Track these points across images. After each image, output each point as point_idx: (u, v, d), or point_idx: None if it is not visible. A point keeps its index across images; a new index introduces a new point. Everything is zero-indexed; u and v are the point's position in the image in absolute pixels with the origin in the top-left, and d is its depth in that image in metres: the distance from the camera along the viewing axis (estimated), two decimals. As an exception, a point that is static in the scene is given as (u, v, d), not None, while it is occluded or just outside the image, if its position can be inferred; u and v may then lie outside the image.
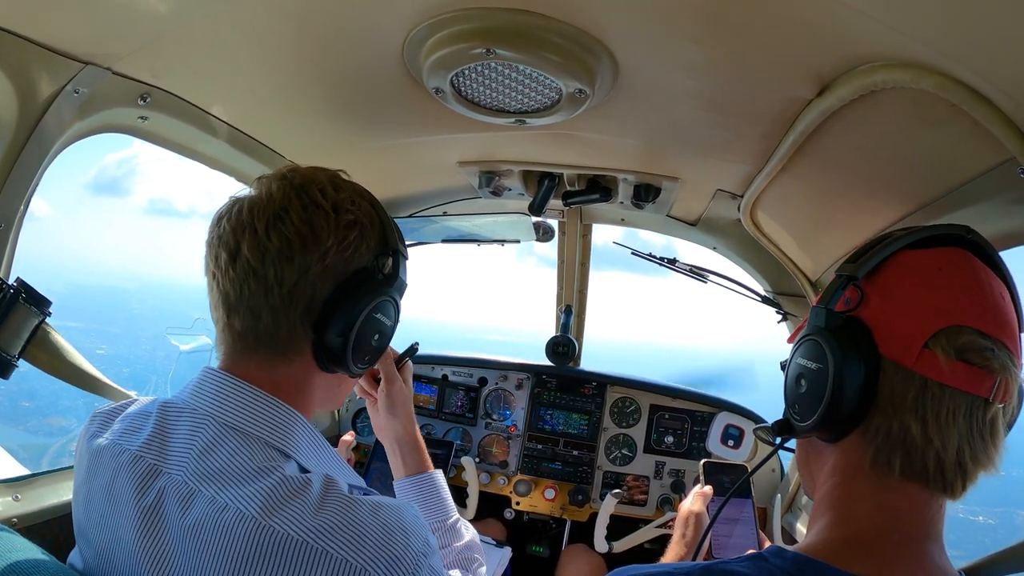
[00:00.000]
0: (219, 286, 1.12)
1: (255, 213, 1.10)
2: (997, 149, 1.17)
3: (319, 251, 1.10)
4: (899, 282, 0.99)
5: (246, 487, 0.98)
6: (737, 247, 2.89)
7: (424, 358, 3.37)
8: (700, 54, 1.33)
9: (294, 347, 1.14)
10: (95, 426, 1.17)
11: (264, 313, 1.10)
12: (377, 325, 1.21)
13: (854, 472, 0.98)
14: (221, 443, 1.04)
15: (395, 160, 2.37)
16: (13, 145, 1.42)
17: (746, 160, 1.91)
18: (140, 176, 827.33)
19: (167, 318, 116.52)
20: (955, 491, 0.94)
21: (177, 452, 1.05)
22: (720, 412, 3.14)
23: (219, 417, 1.08)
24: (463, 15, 1.32)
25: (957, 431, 0.90)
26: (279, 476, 1.00)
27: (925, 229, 1.03)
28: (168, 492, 1.01)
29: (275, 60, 1.60)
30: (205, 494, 0.98)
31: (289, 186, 1.13)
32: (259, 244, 1.08)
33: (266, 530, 0.93)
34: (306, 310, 1.11)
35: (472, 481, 3.03)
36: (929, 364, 0.91)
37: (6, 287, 1.49)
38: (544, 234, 3.15)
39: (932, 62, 1.06)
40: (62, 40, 1.36)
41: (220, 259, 1.11)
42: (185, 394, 1.14)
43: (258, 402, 1.10)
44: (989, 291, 0.95)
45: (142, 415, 1.13)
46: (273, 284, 1.08)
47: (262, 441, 1.07)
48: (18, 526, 1.60)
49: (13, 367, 1.53)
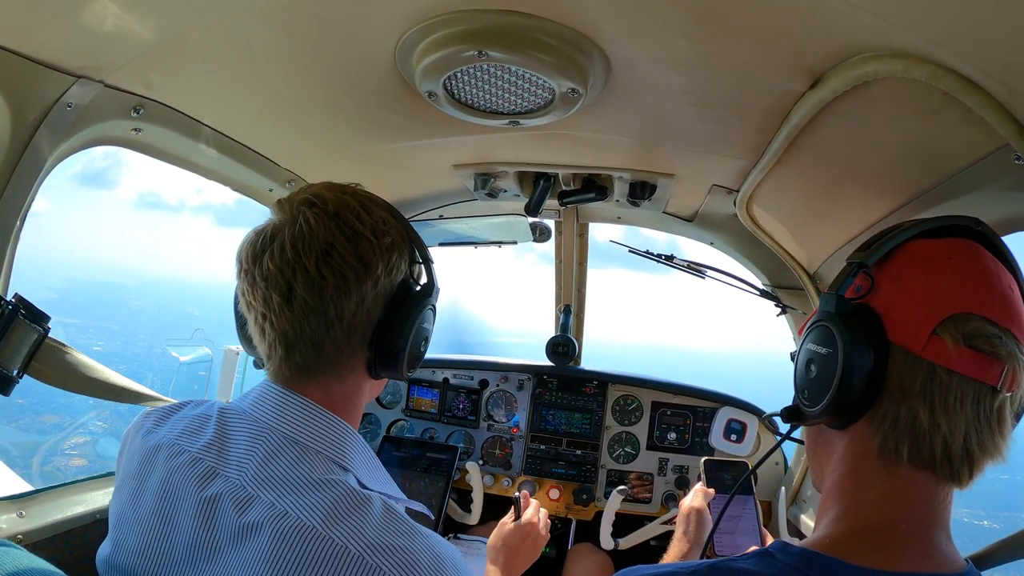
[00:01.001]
0: (274, 326, 1.14)
1: (301, 250, 1.11)
2: (991, 136, 1.18)
3: (371, 280, 1.15)
4: (909, 270, 1.00)
5: (307, 497, 1.02)
6: (734, 242, 2.89)
7: (425, 362, 3.37)
8: (691, 49, 1.33)
9: (350, 367, 1.20)
10: (150, 423, 1.21)
11: (327, 345, 1.15)
12: (423, 333, 1.29)
13: (862, 460, 0.99)
14: (282, 453, 1.10)
15: (390, 165, 2.37)
16: (7, 160, 1.42)
17: (741, 155, 1.91)
18: (126, 168, 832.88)
19: (165, 315, 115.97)
20: (962, 479, 0.94)
21: (237, 458, 1.10)
22: (722, 407, 3.15)
23: (280, 430, 1.13)
24: (454, 18, 1.32)
25: (964, 417, 0.91)
26: (341, 490, 1.05)
27: (935, 220, 1.04)
28: (224, 494, 1.05)
29: (267, 69, 1.60)
30: (264, 499, 1.03)
31: (325, 216, 1.14)
32: (313, 283, 1.11)
33: (325, 540, 0.97)
34: (364, 335, 1.18)
35: (476, 484, 3.03)
36: (937, 350, 0.91)
37: (4, 303, 1.49)
38: (541, 234, 3.16)
39: (923, 51, 1.06)
40: (53, 54, 1.36)
41: (271, 300, 1.12)
42: (245, 403, 1.19)
43: (318, 418, 1.16)
44: (998, 281, 0.96)
45: (201, 418, 1.19)
46: (334, 319, 1.13)
47: (322, 455, 1.12)
48: (23, 542, 1.60)
49: (14, 383, 1.53)
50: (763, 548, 0.97)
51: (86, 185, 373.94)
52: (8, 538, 1.54)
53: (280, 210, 1.17)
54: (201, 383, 4.44)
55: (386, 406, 3.37)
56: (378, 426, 3.36)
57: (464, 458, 3.16)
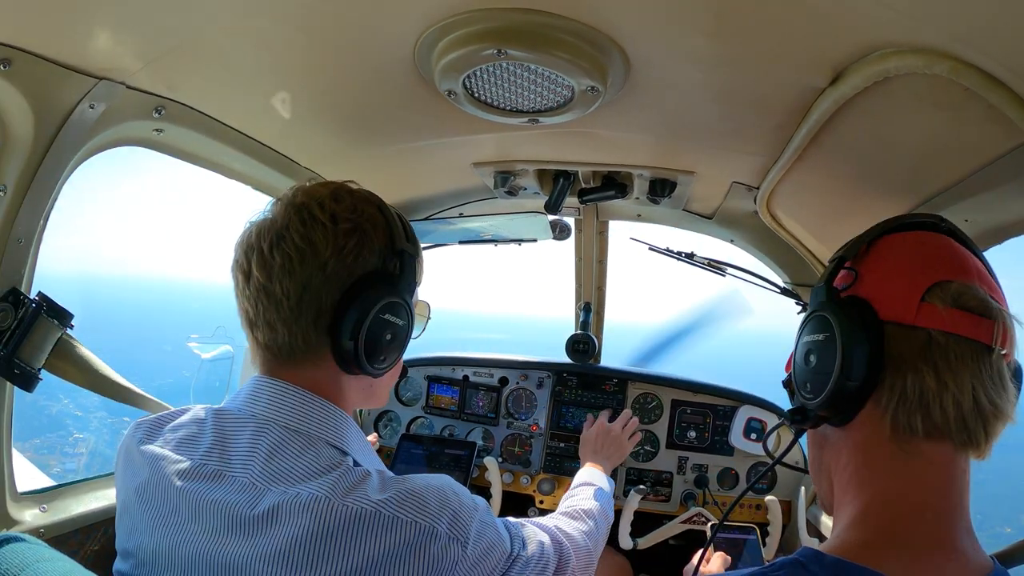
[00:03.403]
0: (239, 305, 1.23)
1: (262, 235, 1.20)
2: (1012, 133, 1.17)
3: (318, 262, 1.17)
4: (887, 258, 1.03)
5: (315, 482, 1.09)
6: (754, 239, 2.87)
7: (445, 359, 3.39)
8: (711, 47, 1.33)
9: (316, 352, 1.21)
10: (141, 432, 1.22)
11: (279, 326, 1.18)
12: (387, 325, 1.24)
13: (875, 447, 0.98)
14: (286, 446, 1.14)
15: (410, 163, 2.38)
16: (30, 162, 1.44)
17: (761, 151, 1.90)
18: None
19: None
20: (979, 443, 0.94)
21: (241, 456, 1.13)
22: (742, 405, 3.12)
23: (280, 421, 1.17)
24: (473, 17, 1.33)
25: (969, 374, 0.92)
26: (343, 470, 1.12)
27: (902, 217, 1.09)
28: (234, 492, 1.09)
29: (287, 69, 1.63)
30: (275, 491, 1.08)
31: (290, 206, 1.21)
32: (264, 263, 1.17)
33: (341, 507, 1.05)
34: (316, 318, 1.18)
35: (495, 481, 3.04)
36: (929, 315, 0.93)
37: (28, 301, 1.52)
38: (561, 232, 3.16)
39: (944, 47, 1.06)
40: (76, 56, 1.38)
41: (238, 280, 1.22)
42: (238, 402, 1.22)
43: (312, 404, 1.20)
44: (972, 261, 1.00)
45: (196, 423, 1.21)
46: (281, 298, 1.17)
47: (323, 441, 1.18)
48: (45, 536, 1.63)
49: (37, 380, 1.56)
50: (793, 557, 0.95)
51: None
52: (30, 532, 1.57)
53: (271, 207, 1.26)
54: (223, 381, 4.46)
55: (406, 403, 3.39)
56: (398, 423, 3.38)
57: (483, 455, 3.17)
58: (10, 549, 0.99)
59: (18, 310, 1.50)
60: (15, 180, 1.44)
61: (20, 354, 1.50)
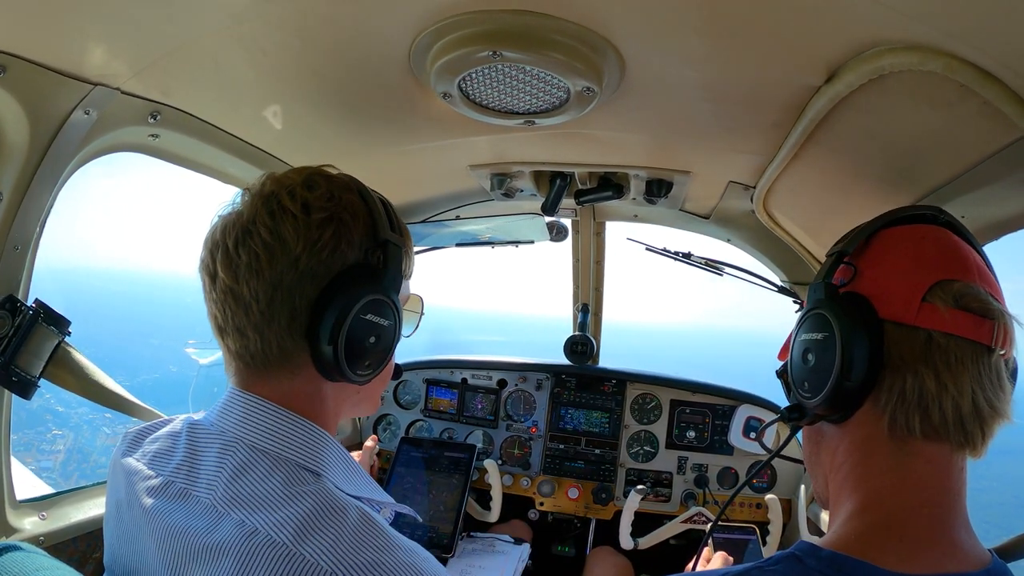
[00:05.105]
0: (208, 309, 1.10)
1: (227, 231, 1.06)
2: (1008, 128, 1.16)
3: (288, 258, 1.04)
4: (887, 253, 1.03)
5: (279, 512, 0.95)
6: (751, 238, 2.88)
7: (443, 362, 3.40)
8: (706, 46, 1.33)
9: (293, 360, 1.09)
10: (125, 445, 1.17)
11: (249, 332, 1.06)
12: (370, 326, 1.12)
13: (873, 445, 0.98)
14: (251, 467, 1.02)
15: (406, 166, 2.38)
16: (26, 168, 1.44)
17: (757, 150, 1.90)
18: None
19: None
20: (975, 443, 0.94)
21: (207, 475, 1.03)
22: (741, 405, 3.13)
23: (248, 439, 1.05)
24: (467, 19, 1.33)
25: (969, 376, 0.92)
26: (315, 500, 0.97)
27: (902, 209, 1.08)
28: (194, 515, 0.99)
29: (282, 73, 1.62)
30: (234, 518, 0.96)
31: (258, 196, 1.08)
32: (231, 263, 1.04)
33: (295, 557, 0.89)
34: (290, 322, 1.06)
35: (495, 483, 3.04)
36: (930, 316, 0.93)
37: (25, 308, 1.52)
38: (558, 234, 3.16)
39: (939, 43, 1.06)
40: (71, 63, 1.38)
41: (204, 282, 1.09)
42: (213, 415, 1.12)
43: (283, 422, 1.07)
44: (973, 257, 1.00)
45: (171, 436, 1.13)
46: (250, 301, 1.04)
47: (293, 463, 1.04)
48: (44, 544, 1.63)
49: (36, 388, 1.56)
50: (790, 551, 0.95)
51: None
52: (30, 540, 1.56)
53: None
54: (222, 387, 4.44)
55: (405, 407, 3.39)
56: (397, 426, 3.39)
57: (483, 457, 3.17)
58: (9, 558, 0.98)
59: (15, 317, 1.50)
60: (11, 187, 1.44)
61: (17, 361, 1.50)
